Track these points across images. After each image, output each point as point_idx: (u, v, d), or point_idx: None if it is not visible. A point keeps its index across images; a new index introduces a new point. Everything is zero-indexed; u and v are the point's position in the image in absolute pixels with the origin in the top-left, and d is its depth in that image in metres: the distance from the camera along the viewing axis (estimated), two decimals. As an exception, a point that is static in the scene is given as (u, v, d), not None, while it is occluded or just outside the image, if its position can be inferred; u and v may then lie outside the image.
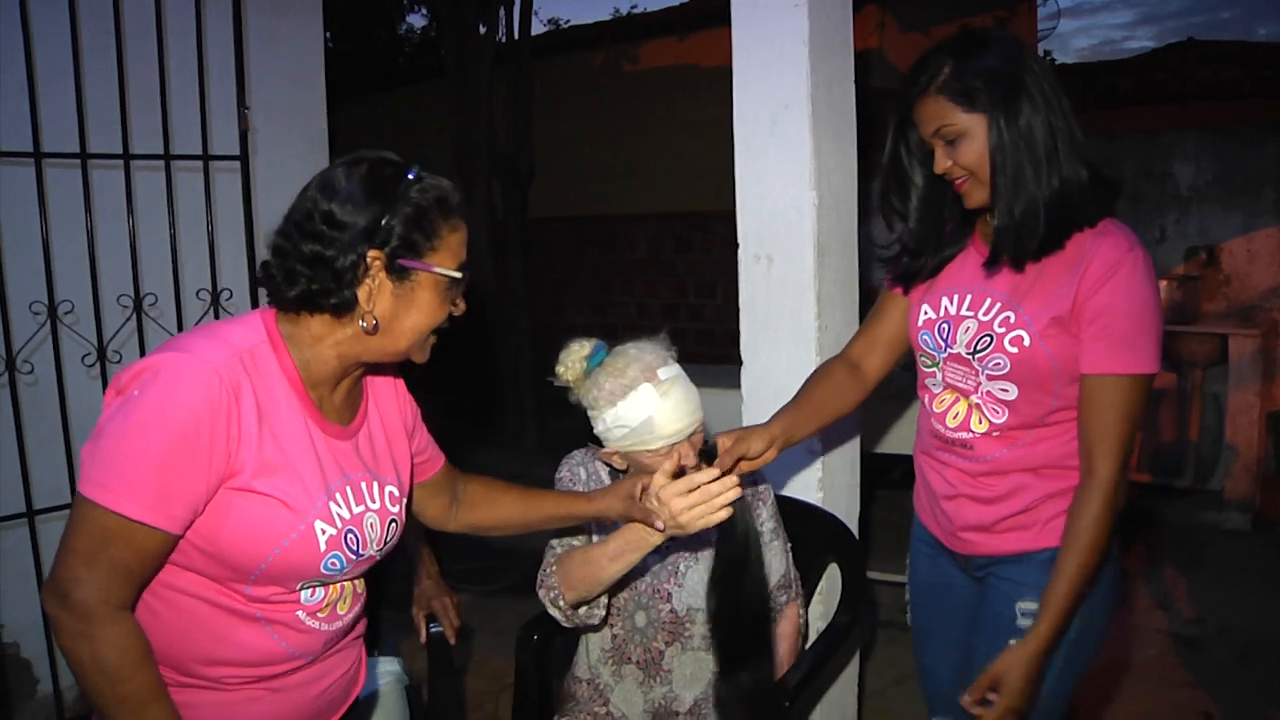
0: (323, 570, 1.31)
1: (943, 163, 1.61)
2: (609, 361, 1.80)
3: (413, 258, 1.29)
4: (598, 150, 7.42)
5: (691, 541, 1.92)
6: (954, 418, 1.72)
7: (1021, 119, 1.54)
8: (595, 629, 1.95)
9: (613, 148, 7.33)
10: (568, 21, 12.17)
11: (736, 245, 2.43)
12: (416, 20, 11.86)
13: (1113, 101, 8.02)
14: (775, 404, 2.36)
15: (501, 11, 6.72)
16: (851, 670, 2.56)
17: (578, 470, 2.00)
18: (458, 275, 1.33)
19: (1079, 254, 1.56)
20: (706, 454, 1.53)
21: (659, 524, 1.55)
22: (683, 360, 1.85)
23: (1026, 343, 1.59)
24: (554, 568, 1.83)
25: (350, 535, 1.33)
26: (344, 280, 1.27)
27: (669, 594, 1.92)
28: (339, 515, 1.31)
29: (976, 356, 1.65)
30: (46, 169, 2.73)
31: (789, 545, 2.05)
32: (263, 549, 1.26)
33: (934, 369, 1.74)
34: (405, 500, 1.46)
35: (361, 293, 1.28)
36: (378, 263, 1.27)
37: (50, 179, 2.73)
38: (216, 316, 3.07)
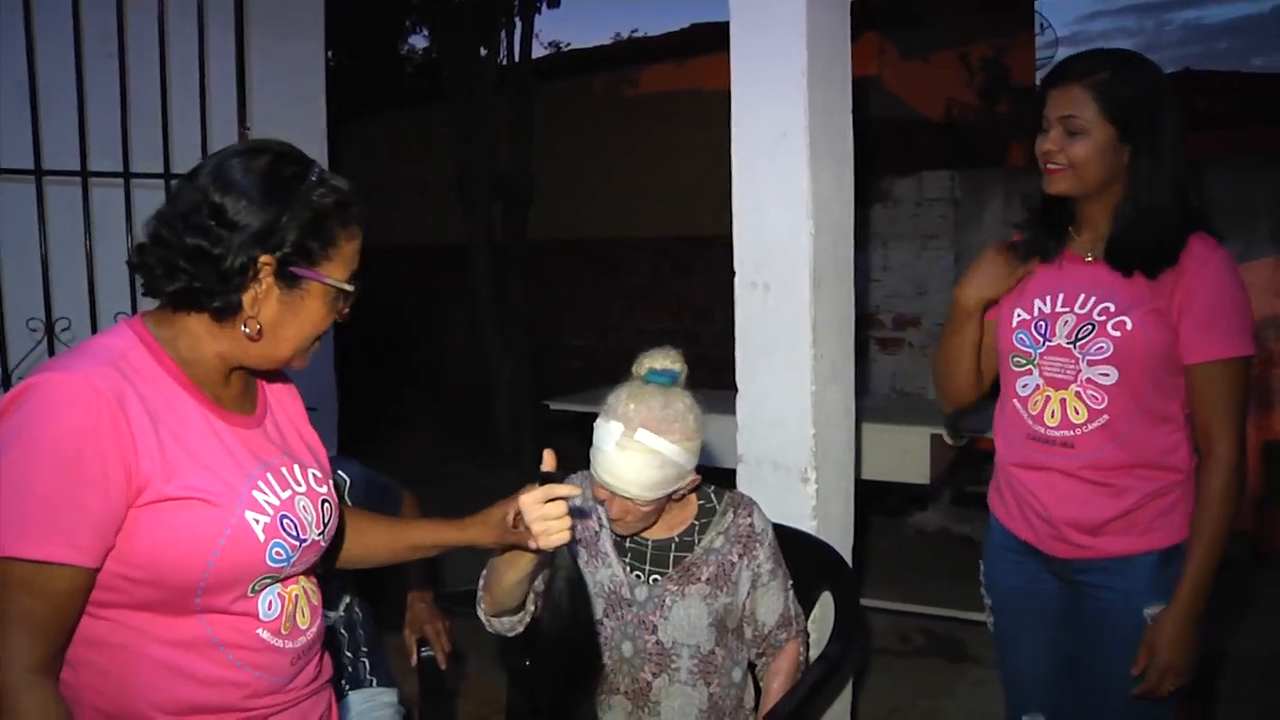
0: (269, 562, 1.22)
1: (1051, 144, 1.74)
2: (650, 388, 1.80)
3: (305, 265, 1.21)
4: (598, 173, 7.45)
5: (679, 575, 1.92)
6: (1052, 416, 1.80)
7: (1159, 148, 1.70)
8: (514, 643, 1.93)
9: (613, 171, 7.36)
10: (568, 45, 12.21)
11: (734, 271, 2.44)
12: (419, 41, 11.91)
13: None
14: (770, 431, 2.38)
15: (503, 34, 6.77)
16: (844, 700, 2.54)
17: None
18: (349, 289, 1.25)
19: (1168, 259, 1.72)
20: (543, 478, 1.48)
21: (531, 544, 1.46)
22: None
23: (1129, 326, 1.72)
24: (485, 572, 1.82)
25: (286, 520, 1.24)
26: (230, 283, 1.18)
27: (654, 625, 1.91)
28: (267, 503, 1.23)
29: (1078, 344, 1.76)
30: (46, 187, 2.75)
31: (790, 583, 2.03)
32: (200, 555, 1.16)
33: (1029, 367, 1.84)
34: (332, 484, 1.38)
35: (247, 297, 1.19)
36: (268, 268, 1.19)
37: (47, 196, 2.74)
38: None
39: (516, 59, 6.76)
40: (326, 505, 1.34)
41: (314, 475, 1.34)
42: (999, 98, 7.53)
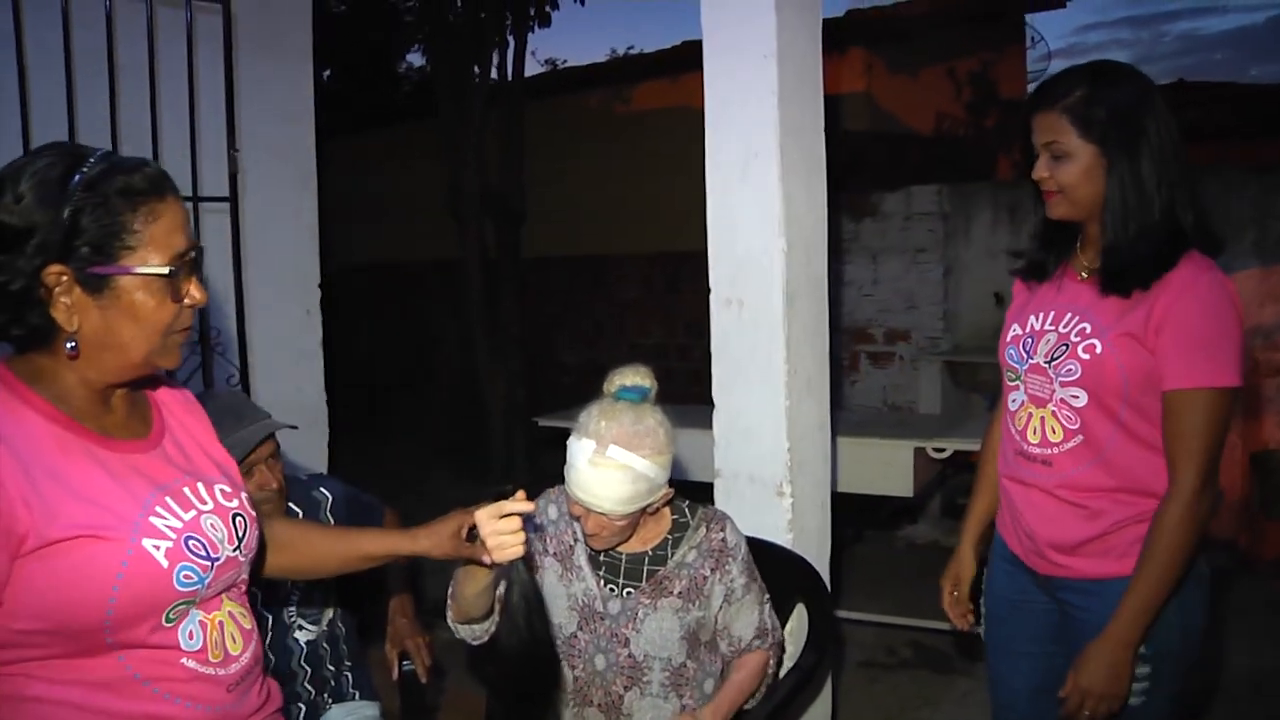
0: (179, 587, 1.17)
1: (1041, 171, 1.75)
2: (621, 405, 1.84)
3: (104, 263, 1.12)
4: (591, 190, 7.50)
5: (652, 589, 1.95)
6: (1034, 433, 1.80)
7: (1139, 162, 1.66)
8: (481, 654, 1.96)
9: (605, 187, 7.40)
10: (565, 62, 12.32)
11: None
12: (416, 59, 12.00)
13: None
14: (745, 444, 2.41)
15: (495, 52, 6.83)
16: (823, 709, 2.56)
17: (548, 507, 2.03)
18: (164, 271, 1.15)
19: (1159, 278, 1.66)
20: (497, 494, 1.52)
21: (486, 559, 1.49)
22: (668, 400, 1.89)
23: (1099, 350, 1.69)
24: (452, 581, 1.85)
25: (192, 541, 1.20)
26: (24, 307, 1.11)
27: (627, 639, 1.94)
28: (168, 527, 1.18)
29: (1052, 364, 1.76)
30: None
31: (766, 597, 2.04)
32: (99, 592, 1.11)
33: (1017, 382, 1.85)
34: (244, 496, 1.35)
35: (59, 314, 1.12)
36: (64, 278, 1.11)
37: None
38: (205, 356, 3.13)
39: (509, 77, 6.82)
40: (239, 519, 1.30)
41: (222, 490, 1.30)
42: (987, 112, 7.59)
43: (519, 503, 1.47)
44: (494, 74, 6.88)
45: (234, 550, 1.27)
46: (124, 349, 1.17)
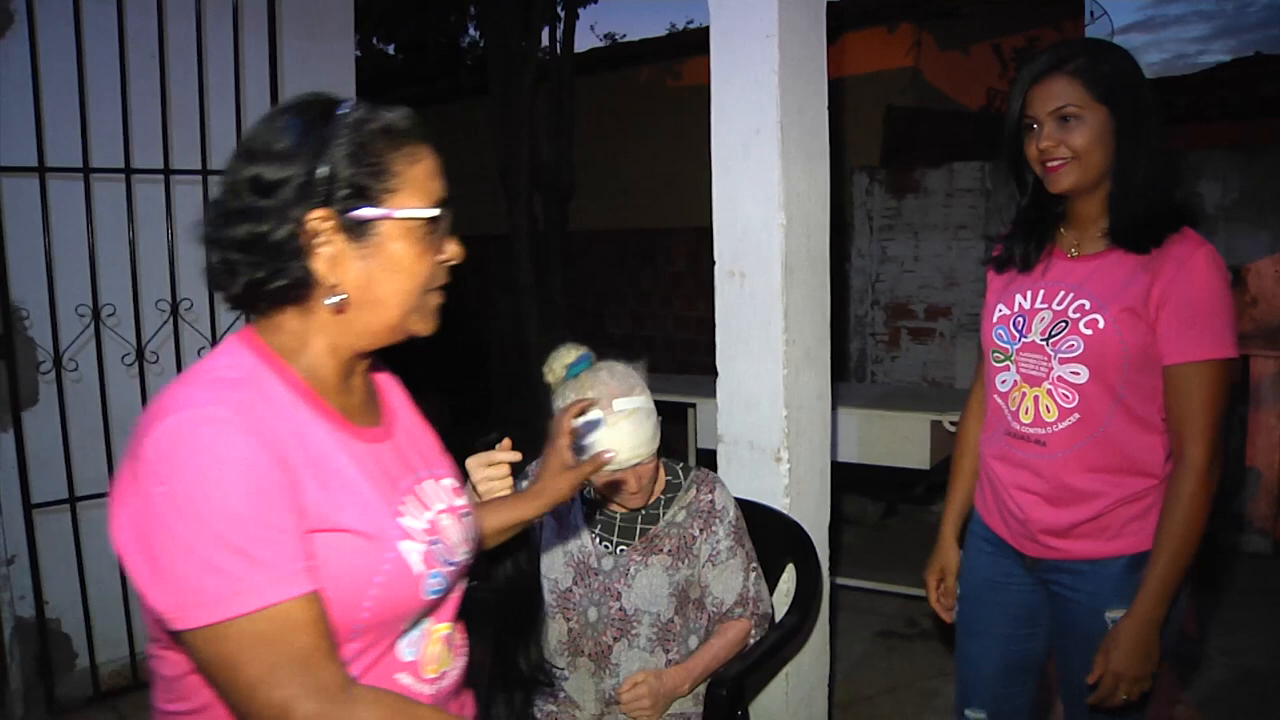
0: (427, 595, 1.09)
1: (1047, 140, 1.71)
2: (583, 375, 1.94)
3: (367, 205, 1.04)
4: (639, 164, 7.57)
5: (644, 546, 2.05)
6: (1026, 413, 1.80)
7: (1145, 124, 1.67)
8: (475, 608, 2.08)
9: (653, 162, 7.47)
10: (624, 36, 12.36)
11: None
12: (474, 34, 12.13)
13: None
14: (745, 413, 2.50)
15: (546, 28, 6.93)
16: (818, 673, 2.64)
17: None
18: (431, 214, 1.08)
19: (1153, 253, 1.67)
20: (484, 444, 1.65)
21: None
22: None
23: (1101, 325, 1.69)
24: None
25: (436, 545, 1.11)
26: (287, 255, 1.02)
27: (619, 593, 2.04)
28: (416, 529, 1.09)
29: (1051, 342, 1.75)
30: (94, 183, 2.98)
31: (754, 565, 2.11)
32: (358, 594, 1.03)
33: (1006, 363, 1.83)
34: (465, 486, 1.30)
35: (319, 265, 1.03)
36: (328, 224, 1.03)
37: (94, 192, 2.98)
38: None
39: (559, 52, 6.92)
40: (468, 517, 1.21)
41: (451, 486, 1.22)
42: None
43: (505, 452, 1.60)
44: (545, 48, 6.98)
45: (466, 554, 1.18)
46: (383, 306, 1.08)
